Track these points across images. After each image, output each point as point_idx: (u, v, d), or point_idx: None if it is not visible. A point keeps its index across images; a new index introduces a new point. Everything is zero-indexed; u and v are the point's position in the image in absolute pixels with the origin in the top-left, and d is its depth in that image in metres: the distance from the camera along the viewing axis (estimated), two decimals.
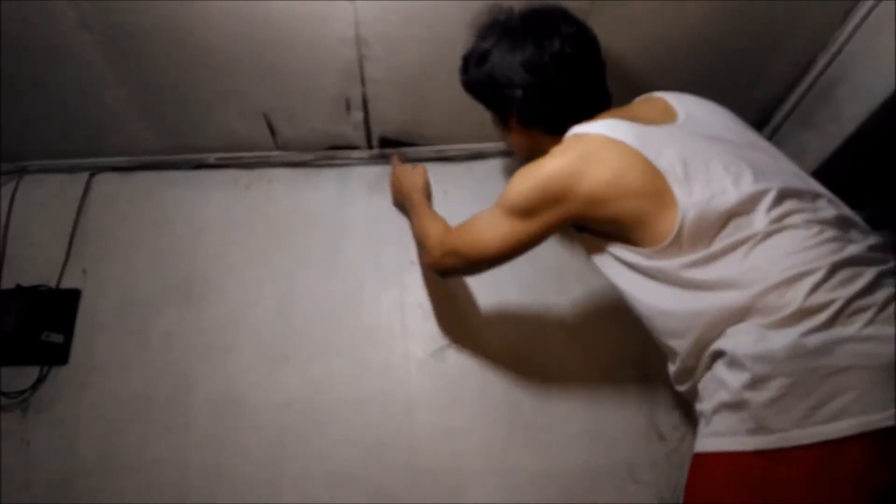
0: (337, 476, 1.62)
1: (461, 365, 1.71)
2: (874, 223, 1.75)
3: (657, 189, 1.08)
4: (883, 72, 1.34)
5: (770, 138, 1.79)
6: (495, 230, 1.26)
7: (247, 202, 1.90)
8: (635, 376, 1.68)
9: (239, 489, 1.62)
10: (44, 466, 1.65)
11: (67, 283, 1.83)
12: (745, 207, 1.05)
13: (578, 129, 1.22)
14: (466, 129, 1.81)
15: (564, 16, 1.31)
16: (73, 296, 1.81)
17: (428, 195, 1.73)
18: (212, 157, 1.93)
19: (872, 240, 1.09)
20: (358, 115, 1.76)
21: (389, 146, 1.89)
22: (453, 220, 1.74)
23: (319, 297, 1.78)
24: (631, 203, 1.10)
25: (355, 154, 1.91)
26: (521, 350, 1.72)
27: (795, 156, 1.66)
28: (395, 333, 1.75)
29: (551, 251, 1.78)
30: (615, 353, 1.70)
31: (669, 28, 1.51)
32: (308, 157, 1.92)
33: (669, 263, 1.08)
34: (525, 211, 1.21)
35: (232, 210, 1.89)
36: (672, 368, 1.16)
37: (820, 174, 1.58)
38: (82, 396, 1.71)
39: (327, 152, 1.92)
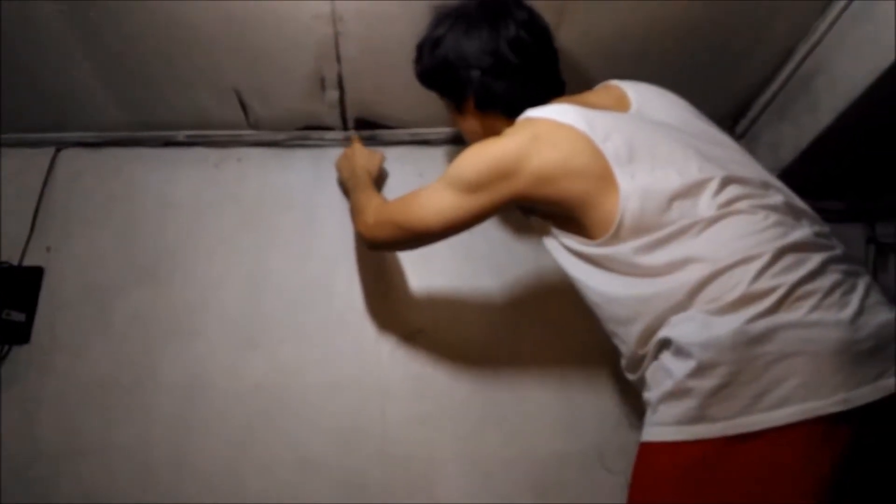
0: (306, 462, 1.60)
1: (433, 351, 1.70)
2: (849, 216, 1.78)
3: (602, 172, 1.10)
4: (862, 64, 1.34)
5: (748, 129, 1.79)
6: (438, 203, 1.25)
7: (217, 181, 1.86)
8: (608, 365, 1.67)
9: (204, 474, 1.59)
10: (2, 447, 1.61)
11: (31, 261, 1.77)
12: (689, 192, 1.06)
13: (530, 112, 1.24)
14: (444, 113, 1.78)
15: (516, 2, 1.34)
16: (36, 273, 1.76)
17: (377, 181, 1.71)
18: (181, 135, 1.88)
19: (819, 227, 1.09)
20: (333, 95, 1.72)
21: (365, 128, 1.86)
22: None
23: (290, 281, 1.75)
24: (576, 184, 1.12)
25: (329, 135, 1.88)
26: (494, 337, 1.71)
27: (772, 146, 1.67)
28: (366, 317, 1.72)
29: (527, 238, 1.77)
30: (588, 342, 1.69)
31: (650, 16, 1.49)
32: (281, 136, 1.88)
33: (615, 250, 1.09)
34: (472, 186, 1.21)
35: (201, 189, 1.85)
36: (624, 358, 1.17)
37: (796, 165, 1.60)
38: (44, 377, 1.67)
39: (301, 132, 1.88)
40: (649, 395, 1.06)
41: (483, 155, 1.21)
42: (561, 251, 1.22)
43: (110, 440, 1.62)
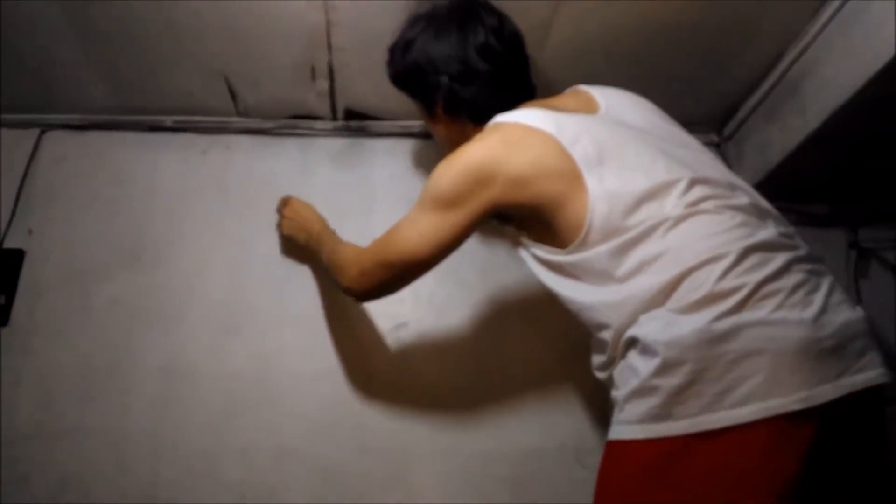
0: (284, 450, 1.59)
1: (416, 344, 1.70)
2: (832, 220, 1.79)
3: (571, 175, 1.11)
4: (850, 68, 1.34)
5: (736, 130, 1.80)
6: (420, 228, 1.22)
7: (203, 168, 1.85)
8: (586, 363, 1.63)
9: (182, 459, 1.58)
10: None
11: (11, 243, 1.75)
12: (656, 193, 1.07)
13: (499, 118, 1.24)
14: None
15: (486, 7, 1.34)
16: (17, 256, 1.74)
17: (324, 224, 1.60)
18: (168, 120, 1.86)
19: (784, 228, 1.11)
20: (323, 84, 1.72)
21: (355, 118, 1.86)
22: (417, 194, 1.73)
23: (274, 269, 1.74)
24: (550, 185, 1.12)
25: (319, 125, 1.87)
26: (476, 333, 1.71)
27: (760, 148, 1.68)
28: (350, 310, 1.71)
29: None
30: (571, 340, 1.69)
31: (641, 16, 1.50)
32: (269, 125, 1.87)
33: (585, 256, 1.10)
34: (448, 202, 1.19)
35: (187, 175, 1.83)
36: (598, 359, 1.19)
37: (783, 168, 1.61)
38: (21, 360, 1.65)
39: (290, 121, 1.87)
40: (616, 393, 1.07)
41: (454, 168, 1.20)
42: (534, 262, 1.23)
43: (88, 423, 1.61)
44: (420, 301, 1.73)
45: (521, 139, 1.17)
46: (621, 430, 1.02)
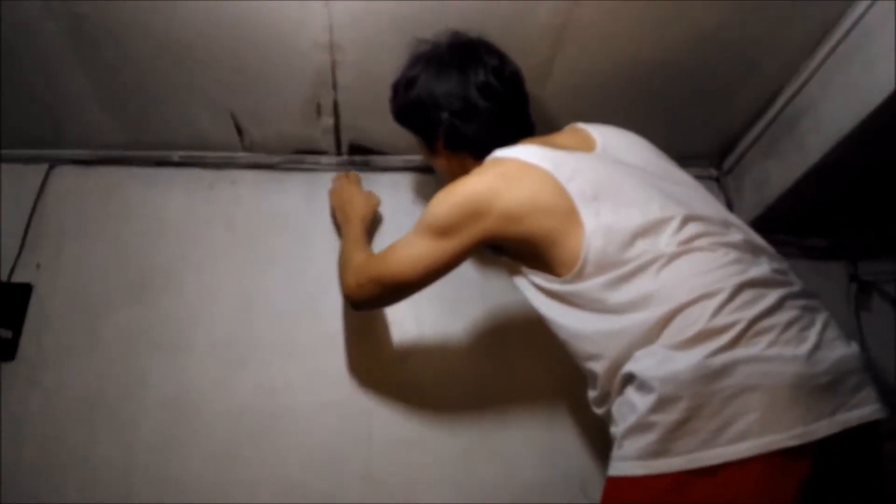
0: (289, 483, 1.59)
1: (420, 376, 1.70)
2: (832, 253, 1.81)
3: (567, 210, 1.13)
4: (848, 105, 1.37)
5: (734, 165, 1.82)
6: (413, 252, 1.27)
7: (210, 202, 1.87)
8: None
9: (188, 492, 1.57)
10: None
11: (20, 277, 1.77)
12: (650, 230, 1.09)
13: (498, 153, 1.28)
14: None
15: (487, 48, 1.38)
16: (25, 290, 1.75)
17: (370, 225, 1.71)
18: (175, 155, 1.89)
19: (777, 264, 1.13)
20: (328, 121, 1.74)
21: (359, 153, 1.88)
22: None
23: (280, 302, 1.76)
24: (543, 221, 1.15)
25: (324, 159, 1.89)
26: (481, 363, 1.72)
27: (758, 183, 1.70)
28: (354, 342, 1.72)
29: None
30: (573, 370, 1.68)
31: (643, 51, 1.53)
32: (275, 159, 1.89)
33: (581, 287, 1.12)
34: (443, 230, 1.24)
35: (194, 210, 1.85)
36: (592, 393, 1.20)
37: (781, 202, 1.62)
38: (29, 393, 1.66)
39: (295, 156, 1.89)
40: (615, 429, 1.07)
41: (451, 198, 1.24)
42: (530, 289, 1.25)
43: (94, 456, 1.61)
44: (424, 332, 1.74)
45: (517, 175, 1.20)
46: (620, 466, 1.02)
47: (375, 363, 1.71)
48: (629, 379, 1.04)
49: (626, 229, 1.09)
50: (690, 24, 1.45)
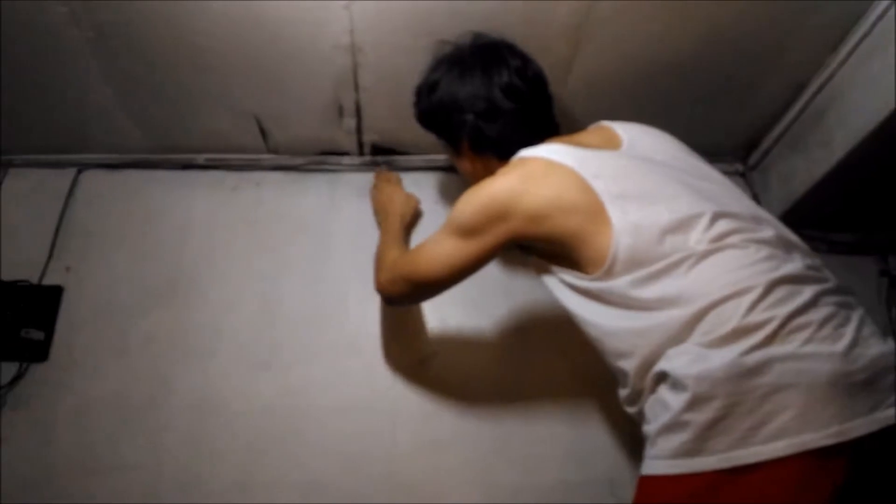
0: (313, 485, 1.60)
1: (444, 377, 1.70)
2: (861, 248, 1.78)
3: (594, 208, 1.12)
4: (873, 99, 1.35)
5: (760, 161, 1.80)
6: (441, 251, 1.29)
7: (234, 204, 1.89)
8: (617, 391, 1.67)
9: (213, 494, 1.59)
10: (16, 465, 1.62)
11: (50, 280, 1.80)
12: (680, 227, 1.08)
13: (523, 153, 1.27)
14: None
15: (510, 49, 1.38)
16: (56, 293, 1.78)
17: (408, 224, 1.76)
18: (200, 158, 1.91)
19: (811, 260, 1.11)
20: (350, 122, 1.75)
21: (381, 154, 1.89)
22: None
23: (303, 304, 1.77)
24: (569, 220, 1.14)
25: (346, 160, 1.91)
26: (505, 364, 1.71)
27: (785, 179, 1.68)
28: (378, 343, 1.73)
29: None
30: (600, 369, 1.67)
31: (664, 47, 1.52)
32: (298, 161, 1.91)
33: (612, 284, 1.10)
34: (470, 230, 1.24)
35: (218, 212, 1.88)
36: (623, 392, 1.18)
37: (809, 198, 1.60)
38: (60, 395, 1.69)
39: (318, 157, 1.91)
40: (648, 428, 1.06)
41: (476, 199, 1.24)
42: (559, 287, 1.25)
43: (122, 457, 1.63)
44: (448, 332, 1.75)
45: (542, 174, 1.19)
46: (653, 465, 1.02)
47: (399, 364, 1.72)
48: (662, 377, 1.03)
49: (655, 226, 1.08)
50: (711, 19, 1.43)
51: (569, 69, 1.57)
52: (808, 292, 1.00)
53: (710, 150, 1.38)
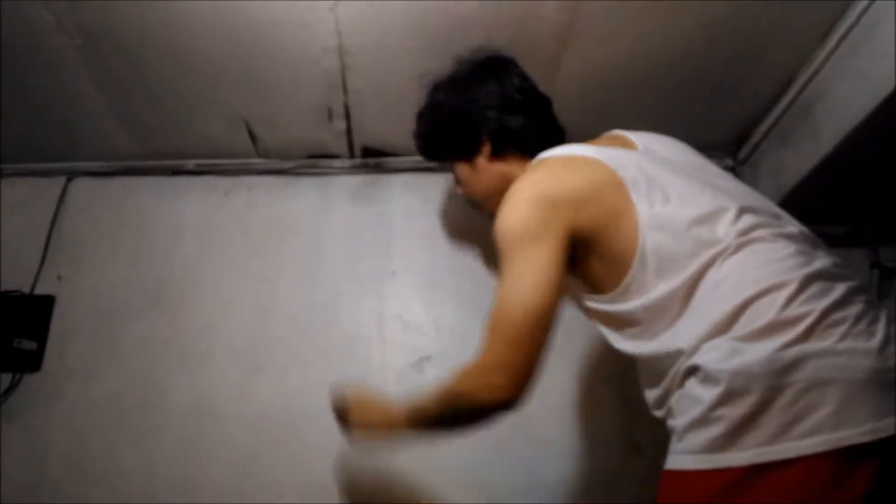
0: (310, 487, 1.60)
1: (440, 378, 1.69)
2: (852, 240, 1.79)
3: (623, 188, 1.10)
4: (861, 92, 1.35)
5: (749, 155, 1.81)
6: (521, 282, 1.09)
7: (225, 209, 1.89)
8: (615, 391, 1.68)
9: (210, 498, 1.60)
10: (13, 474, 1.63)
11: (42, 289, 1.80)
12: (706, 220, 1.06)
13: (543, 155, 1.26)
14: None
15: (513, 62, 1.39)
16: (47, 302, 1.78)
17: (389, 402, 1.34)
18: (191, 164, 1.91)
19: (834, 257, 1.10)
20: (340, 125, 1.75)
21: (371, 156, 1.89)
22: (437, 229, 1.74)
23: (297, 307, 1.77)
24: (607, 198, 1.11)
25: (337, 163, 1.90)
26: None
27: (774, 173, 1.69)
28: (373, 344, 1.74)
29: None
30: (596, 368, 1.70)
31: (652, 45, 1.52)
32: (289, 164, 1.91)
33: (650, 298, 1.07)
34: (529, 235, 1.11)
35: (210, 217, 1.87)
36: (654, 392, 1.15)
37: (799, 191, 1.60)
38: (54, 404, 1.69)
39: (308, 161, 1.90)
40: (674, 422, 1.05)
41: (516, 205, 1.15)
42: (596, 322, 1.22)
43: (118, 464, 1.63)
44: (442, 333, 1.75)
45: (568, 165, 1.18)
46: (681, 459, 1.00)
47: (393, 365, 1.72)
48: (692, 371, 1.01)
49: (682, 220, 1.06)
50: (698, 14, 1.43)
51: (556, 67, 1.57)
52: (840, 288, 0.99)
53: (700, 145, 1.37)
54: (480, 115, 1.33)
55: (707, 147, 1.76)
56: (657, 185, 1.11)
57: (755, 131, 1.76)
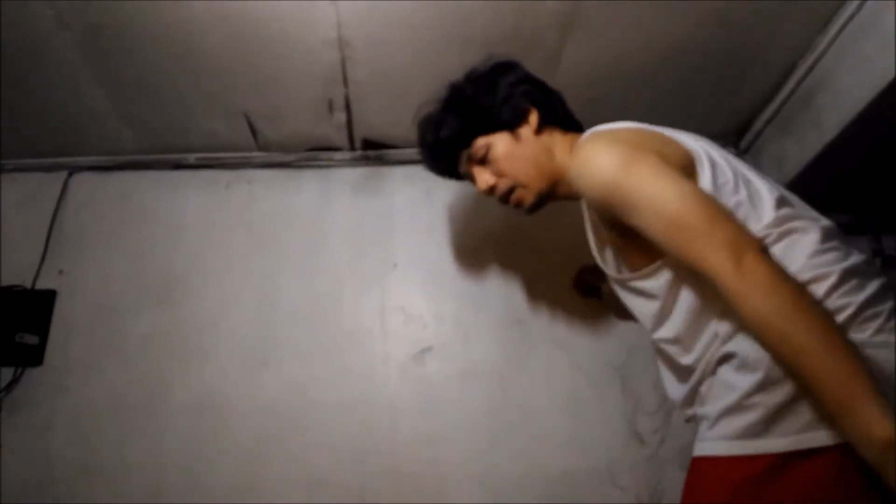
0: (316, 481, 1.61)
1: (443, 370, 1.71)
2: (854, 229, 1.78)
3: (692, 166, 1.06)
4: (862, 80, 1.35)
5: (752, 144, 1.81)
6: (660, 189, 1.00)
7: (227, 203, 1.88)
8: (617, 381, 1.68)
9: (215, 494, 1.60)
10: (16, 469, 1.63)
11: (44, 284, 1.79)
12: (751, 200, 1.04)
13: (594, 129, 1.18)
14: None
15: (520, 63, 1.32)
16: (49, 297, 1.78)
17: None
18: (191, 158, 1.91)
19: (865, 254, 1.09)
20: (341, 117, 1.75)
21: (372, 148, 1.89)
22: (439, 221, 1.75)
23: (299, 300, 1.77)
24: (682, 161, 1.06)
25: (338, 156, 1.90)
26: (504, 355, 1.72)
27: (776, 162, 1.68)
28: (375, 337, 1.74)
29: (535, 258, 1.79)
30: (598, 360, 1.70)
31: (653, 35, 1.51)
32: (290, 158, 1.90)
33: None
34: (630, 154, 1.03)
35: (211, 211, 1.87)
36: (683, 388, 1.13)
37: (801, 179, 1.60)
38: (57, 399, 1.69)
39: (309, 153, 1.90)
40: (705, 409, 1.04)
41: (595, 151, 1.07)
42: (636, 300, 1.16)
43: (122, 460, 1.63)
44: (444, 325, 1.75)
45: (633, 128, 1.13)
46: (714, 446, 1.00)
47: (396, 358, 1.72)
48: (726, 358, 1.01)
49: (732, 202, 1.03)
50: (699, 4, 1.43)
51: (558, 59, 1.56)
52: (874, 284, 0.99)
53: (702, 134, 1.37)
54: (522, 88, 1.26)
55: (709, 137, 1.75)
56: (713, 163, 1.09)
57: (757, 120, 1.76)
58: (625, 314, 1.27)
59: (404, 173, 1.90)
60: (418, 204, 1.86)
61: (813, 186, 1.63)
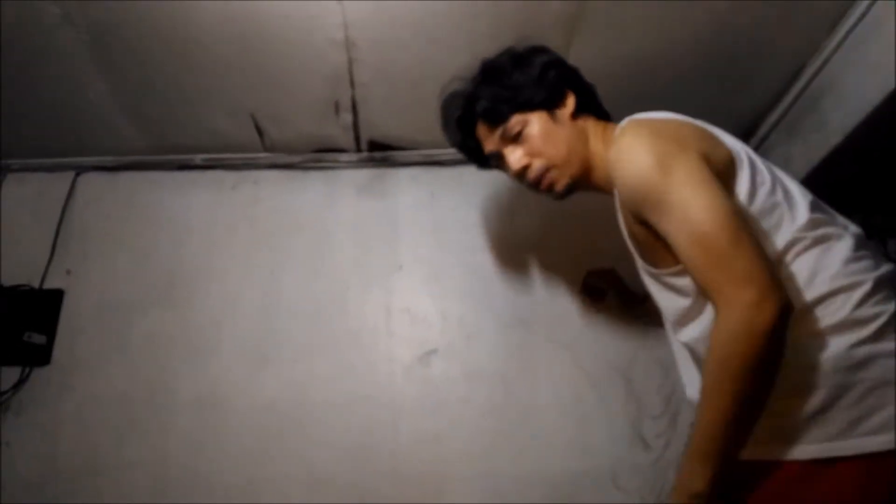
0: (318, 479, 1.61)
1: (447, 371, 1.71)
2: (863, 231, 1.77)
3: (732, 164, 1.05)
4: (869, 83, 1.34)
5: (758, 147, 1.80)
6: (694, 196, 0.97)
7: (232, 203, 1.89)
8: (621, 384, 1.68)
9: (218, 491, 1.61)
10: (22, 468, 1.64)
11: (51, 284, 1.81)
12: (786, 202, 1.03)
13: (632, 117, 1.14)
14: None
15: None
16: (57, 296, 1.79)
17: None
18: (198, 158, 1.92)
19: (892, 265, 1.08)
20: (347, 118, 1.75)
21: (378, 150, 1.89)
22: (444, 223, 1.74)
23: (303, 300, 1.77)
24: (722, 158, 1.04)
25: (343, 157, 1.91)
26: (507, 357, 1.72)
27: (782, 165, 1.66)
28: (379, 337, 1.74)
29: (539, 258, 1.78)
30: (602, 362, 1.70)
31: (659, 36, 1.51)
32: (295, 159, 1.91)
33: None
34: (671, 152, 1.00)
35: (217, 211, 1.88)
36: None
37: (806, 184, 1.57)
38: (63, 397, 1.69)
39: (315, 155, 1.91)
40: None
41: (634, 143, 1.04)
42: (671, 297, 1.12)
43: (127, 457, 1.64)
44: (449, 326, 1.75)
45: (670, 119, 1.11)
46: (745, 452, 0.98)
47: (400, 359, 1.72)
48: None
49: (767, 195, 1.03)
50: (705, 6, 1.43)
51: (565, 57, 1.56)
52: None
53: None
54: (556, 72, 1.22)
55: None
56: (753, 164, 1.07)
57: (763, 123, 1.75)
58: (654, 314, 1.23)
59: (410, 175, 1.90)
60: (424, 205, 1.86)
61: (819, 190, 1.62)
